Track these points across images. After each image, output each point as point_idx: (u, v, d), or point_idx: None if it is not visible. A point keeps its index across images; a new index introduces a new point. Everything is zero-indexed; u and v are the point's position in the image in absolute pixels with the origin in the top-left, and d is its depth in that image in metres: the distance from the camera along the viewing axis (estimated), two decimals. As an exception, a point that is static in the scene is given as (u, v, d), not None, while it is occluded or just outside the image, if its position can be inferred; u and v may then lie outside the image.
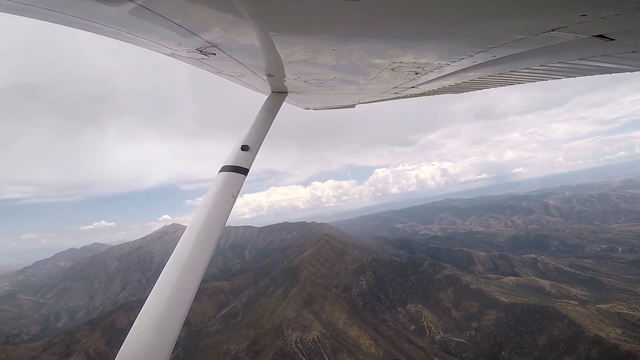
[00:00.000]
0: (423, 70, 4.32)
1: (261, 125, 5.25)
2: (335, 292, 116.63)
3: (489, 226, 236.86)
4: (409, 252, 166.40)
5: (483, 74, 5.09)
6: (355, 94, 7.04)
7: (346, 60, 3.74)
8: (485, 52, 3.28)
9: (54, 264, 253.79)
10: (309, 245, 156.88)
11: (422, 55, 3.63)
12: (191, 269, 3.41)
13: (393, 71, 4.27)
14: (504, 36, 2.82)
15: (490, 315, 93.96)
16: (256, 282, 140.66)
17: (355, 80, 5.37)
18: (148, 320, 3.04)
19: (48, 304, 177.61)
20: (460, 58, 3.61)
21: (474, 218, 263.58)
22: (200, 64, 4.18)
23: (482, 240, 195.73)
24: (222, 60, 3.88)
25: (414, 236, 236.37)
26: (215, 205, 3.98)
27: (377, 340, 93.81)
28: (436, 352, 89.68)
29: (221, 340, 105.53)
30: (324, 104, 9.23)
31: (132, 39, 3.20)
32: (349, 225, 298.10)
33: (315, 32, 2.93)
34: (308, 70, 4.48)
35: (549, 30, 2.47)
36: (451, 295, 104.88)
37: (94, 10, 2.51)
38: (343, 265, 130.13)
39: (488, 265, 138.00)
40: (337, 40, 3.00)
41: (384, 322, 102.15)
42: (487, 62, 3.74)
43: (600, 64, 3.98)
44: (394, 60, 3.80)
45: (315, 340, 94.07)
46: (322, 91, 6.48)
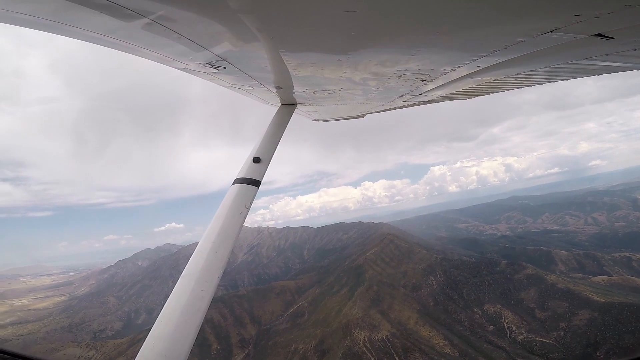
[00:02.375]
0: (429, 77, 4.28)
1: (272, 138, 5.25)
2: (403, 291, 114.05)
3: (566, 224, 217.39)
4: (478, 252, 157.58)
5: (489, 78, 4.98)
6: (364, 103, 6.92)
7: (352, 70, 3.74)
8: (488, 56, 3.25)
9: (133, 263, 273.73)
10: (370, 244, 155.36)
11: (426, 61, 3.60)
12: (206, 278, 3.46)
13: (399, 79, 4.22)
14: (505, 39, 2.84)
15: (582, 315, 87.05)
16: (320, 282, 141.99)
17: (363, 90, 5.27)
18: (164, 329, 3.08)
19: (130, 302, 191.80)
20: (465, 63, 3.57)
21: (547, 216, 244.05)
22: (211, 78, 4.24)
23: (559, 239, 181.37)
24: (232, 73, 3.96)
25: (480, 236, 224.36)
26: (229, 217, 4.03)
27: (452, 341, 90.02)
28: (519, 352, 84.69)
29: (290, 339, 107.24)
30: (333, 115, 9.13)
31: (146, 53, 3.24)
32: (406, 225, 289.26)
33: (320, 44, 2.96)
34: (316, 82, 4.48)
35: (547, 31, 2.49)
36: (534, 295, 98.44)
37: (109, 26, 2.54)
38: (410, 265, 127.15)
39: (572, 265, 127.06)
40: (342, 50, 3.01)
41: (458, 322, 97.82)
42: (492, 66, 3.69)
43: (605, 63, 3.90)
44: (399, 68, 3.76)
45: (385, 339, 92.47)
46: (330, 102, 6.41)
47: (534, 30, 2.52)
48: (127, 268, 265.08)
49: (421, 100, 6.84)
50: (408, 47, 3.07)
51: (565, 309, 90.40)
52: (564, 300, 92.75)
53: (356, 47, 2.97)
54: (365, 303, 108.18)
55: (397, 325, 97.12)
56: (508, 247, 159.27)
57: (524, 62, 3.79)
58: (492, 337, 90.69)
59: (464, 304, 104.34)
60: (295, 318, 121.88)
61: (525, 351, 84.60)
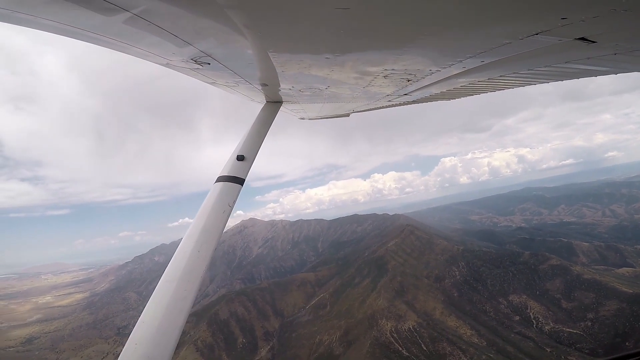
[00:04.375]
0: (415, 77, 4.28)
1: (256, 135, 5.19)
2: (427, 282, 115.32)
3: (583, 216, 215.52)
4: (496, 244, 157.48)
5: (473, 80, 4.99)
6: (350, 102, 6.90)
7: (339, 69, 3.73)
8: (474, 58, 3.30)
9: (150, 258, 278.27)
10: (389, 236, 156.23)
11: (413, 61, 3.62)
12: (189, 278, 3.39)
13: (386, 78, 4.24)
14: (491, 41, 2.85)
15: (610, 306, 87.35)
16: (340, 273, 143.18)
17: (349, 89, 5.25)
18: (146, 330, 2.99)
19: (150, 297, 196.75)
20: (451, 64, 3.61)
21: (563, 208, 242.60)
22: (194, 74, 4.18)
23: (577, 231, 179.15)
24: (217, 70, 3.90)
25: (495, 228, 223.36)
26: (212, 215, 3.96)
27: (479, 331, 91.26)
28: (547, 342, 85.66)
29: (313, 331, 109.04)
30: (319, 114, 9.06)
31: (126, 48, 3.18)
32: (418, 217, 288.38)
33: (309, 41, 2.94)
34: (303, 80, 4.45)
35: (533, 34, 2.51)
36: (560, 285, 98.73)
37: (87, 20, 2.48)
38: (432, 256, 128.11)
39: (593, 257, 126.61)
40: (329, 48, 3.01)
41: (484, 313, 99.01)
42: (477, 68, 3.73)
43: (586, 66, 3.93)
44: (386, 68, 3.77)
45: (412, 329, 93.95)
46: (316, 100, 6.35)
47: (521, 32, 2.58)
48: (145, 264, 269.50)
49: (406, 100, 6.83)
50: (396, 47, 3.07)
51: (592, 300, 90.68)
52: (590, 291, 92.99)
53: (345, 46, 2.99)
54: (390, 294, 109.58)
55: (423, 315, 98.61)
56: (527, 239, 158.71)
57: (508, 64, 3.85)
58: (518, 327, 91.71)
59: (489, 295, 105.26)
60: (317, 310, 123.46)
61: (553, 341, 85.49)
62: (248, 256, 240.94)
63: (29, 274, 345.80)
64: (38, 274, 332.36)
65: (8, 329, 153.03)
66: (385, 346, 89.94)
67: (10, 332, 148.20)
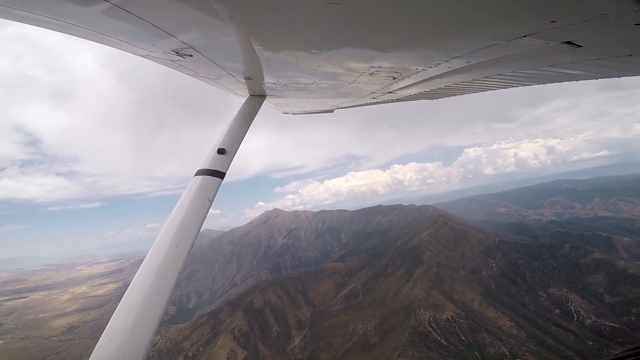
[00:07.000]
0: (400, 76, 4.29)
1: (238, 129, 5.14)
2: (463, 273, 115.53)
3: (620, 211, 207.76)
4: (529, 237, 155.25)
5: (458, 80, 4.98)
6: (334, 98, 6.88)
7: (326, 64, 3.68)
8: (460, 58, 3.30)
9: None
10: (421, 226, 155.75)
11: (400, 60, 3.63)
12: (165, 273, 3.33)
13: (372, 76, 4.23)
14: (479, 42, 2.86)
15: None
16: (371, 263, 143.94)
17: (335, 85, 5.22)
18: (121, 325, 2.95)
19: (180, 287, 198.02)
20: (437, 64, 3.60)
21: (597, 201, 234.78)
22: (175, 66, 4.11)
23: (615, 226, 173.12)
24: (199, 62, 3.83)
25: (524, 221, 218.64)
26: (190, 210, 3.91)
27: (519, 322, 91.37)
28: (588, 335, 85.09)
29: (346, 320, 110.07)
30: (303, 109, 8.99)
31: (104, 39, 3.10)
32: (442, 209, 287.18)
33: (295, 35, 2.87)
34: (288, 74, 4.41)
35: (521, 36, 2.52)
36: (603, 279, 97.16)
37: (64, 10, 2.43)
38: (468, 247, 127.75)
39: (635, 252, 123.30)
40: (318, 43, 2.99)
41: (523, 305, 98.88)
42: (462, 68, 3.74)
43: (569, 71, 3.93)
44: (373, 65, 3.76)
45: (450, 320, 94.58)
46: (301, 95, 6.32)
47: (509, 34, 2.57)
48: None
49: (390, 98, 6.83)
50: (385, 45, 3.06)
51: (637, 295, 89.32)
52: (635, 286, 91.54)
53: (334, 41, 2.96)
54: (426, 284, 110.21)
55: (461, 306, 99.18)
56: (563, 233, 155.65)
57: (493, 66, 3.83)
58: (559, 320, 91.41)
59: (527, 287, 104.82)
60: (349, 299, 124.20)
61: (594, 335, 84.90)
62: (273, 246, 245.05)
63: (65, 265, 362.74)
64: (73, 265, 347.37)
65: (50, 318, 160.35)
66: (424, 335, 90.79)
67: (52, 322, 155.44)
